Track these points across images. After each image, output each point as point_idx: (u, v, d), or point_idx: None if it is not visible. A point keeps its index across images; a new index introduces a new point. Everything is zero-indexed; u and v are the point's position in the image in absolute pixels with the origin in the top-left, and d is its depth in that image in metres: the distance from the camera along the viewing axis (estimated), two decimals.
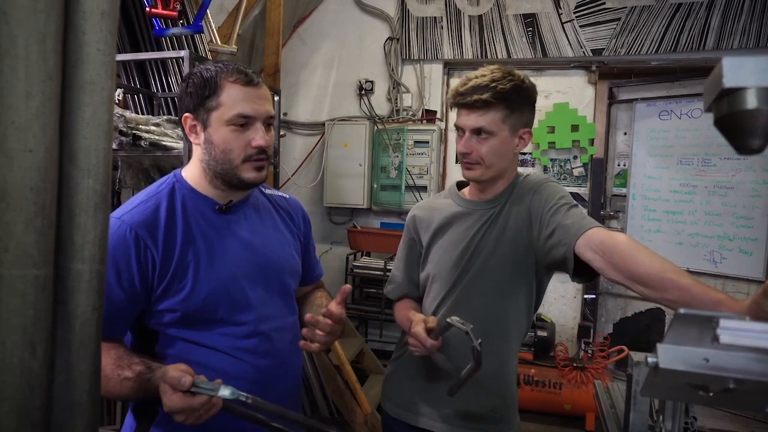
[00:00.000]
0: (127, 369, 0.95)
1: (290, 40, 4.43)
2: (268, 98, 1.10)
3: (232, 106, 1.04)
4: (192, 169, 1.13)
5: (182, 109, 1.09)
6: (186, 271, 1.03)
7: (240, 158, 1.06)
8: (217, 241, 1.09)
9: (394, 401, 1.39)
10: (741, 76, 0.49)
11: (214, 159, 1.07)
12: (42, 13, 0.54)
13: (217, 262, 1.07)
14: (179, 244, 1.04)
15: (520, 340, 1.34)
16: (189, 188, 1.11)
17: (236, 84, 1.05)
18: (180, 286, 1.03)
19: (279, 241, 1.21)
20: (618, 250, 1.02)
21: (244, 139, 1.06)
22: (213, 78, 1.05)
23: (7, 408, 0.54)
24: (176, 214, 1.06)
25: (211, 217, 1.10)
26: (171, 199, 1.08)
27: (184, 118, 1.09)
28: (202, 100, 1.05)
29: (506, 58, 3.95)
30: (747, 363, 0.48)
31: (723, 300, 0.87)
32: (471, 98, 1.20)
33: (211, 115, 1.05)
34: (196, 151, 1.11)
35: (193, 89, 1.06)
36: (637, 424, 1.06)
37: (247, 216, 1.16)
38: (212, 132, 1.06)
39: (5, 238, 0.53)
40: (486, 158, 1.23)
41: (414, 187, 4.11)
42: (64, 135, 0.59)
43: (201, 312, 1.04)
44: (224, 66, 1.07)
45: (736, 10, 3.40)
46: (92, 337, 0.62)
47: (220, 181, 1.10)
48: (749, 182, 3.39)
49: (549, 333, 3.66)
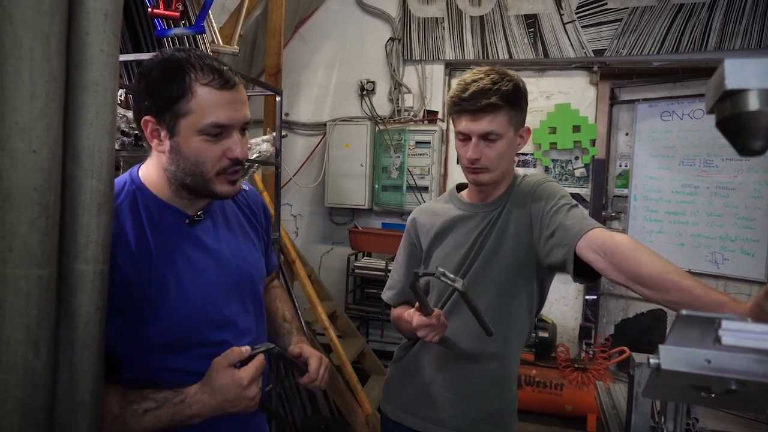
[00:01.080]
0: (144, 401, 0.88)
1: (292, 41, 4.44)
2: (245, 101, 0.95)
3: (205, 113, 0.89)
4: (153, 174, 0.98)
5: (141, 109, 0.92)
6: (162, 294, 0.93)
7: (213, 171, 0.93)
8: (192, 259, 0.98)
9: (394, 404, 1.39)
10: (743, 78, 0.49)
11: (183, 171, 0.93)
12: (46, 15, 0.54)
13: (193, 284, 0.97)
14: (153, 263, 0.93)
15: (522, 342, 1.33)
16: (152, 198, 0.97)
17: (210, 87, 0.89)
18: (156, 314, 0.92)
19: (247, 248, 1.12)
20: (620, 251, 1.01)
21: (218, 150, 0.92)
22: (180, 77, 0.88)
23: (11, 407, 0.54)
24: (145, 228, 0.94)
25: (181, 230, 0.98)
26: (135, 210, 0.94)
27: (143, 121, 0.92)
28: (167, 104, 0.89)
29: (508, 58, 3.95)
30: (749, 364, 0.48)
31: (725, 301, 0.87)
32: (479, 103, 1.17)
33: (179, 122, 0.89)
34: (158, 158, 0.96)
35: (156, 89, 0.90)
36: (639, 425, 1.06)
37: (215, 222, 1.06)
38: (181, 141, 0.90)
39: (9, 238, 0.53)
40: (495, 162, 1.22)
41: (415, 187, 4.11)
42: (67, 135, 0.60)
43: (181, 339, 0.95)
44: (192, 61, 0.90)
45: (738, 11, 3.40)
46: (95, 337, 0.62)
47: (187, 192, 0.97)
48: (751, 183, 3.39)
49: (550, 334, 3.66)
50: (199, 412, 0.89)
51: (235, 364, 0.91)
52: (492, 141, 1.20)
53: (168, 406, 0.88)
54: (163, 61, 0.91)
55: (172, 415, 0.88)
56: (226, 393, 0.89)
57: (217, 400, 0.89)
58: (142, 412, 0.87)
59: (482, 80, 1.19)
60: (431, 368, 1.32)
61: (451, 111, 1.25)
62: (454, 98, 1.22)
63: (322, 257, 4.53)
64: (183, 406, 0.88)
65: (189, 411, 0.88)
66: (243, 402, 0.90)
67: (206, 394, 0.89)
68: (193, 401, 0.89)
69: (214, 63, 0.91)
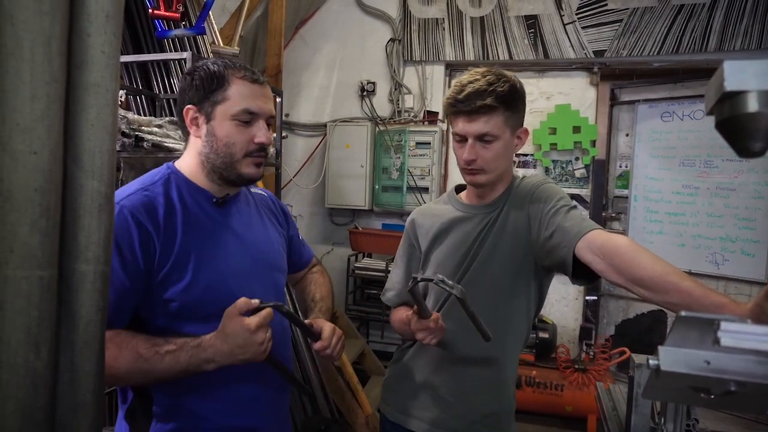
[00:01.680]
0: (165, 344, 0.97)
1: (292, 41, 4.44)
2: (270, 98, 1.13)
3: (238, 101, 1.06)
4: (188, 161, 1.13)
5: (184, 101, 1.09)
6: (187, 261, 1.03)
7: (242, 153, 1.08)
8: (216, 233, 1.10)
9: (392, 405, 1.39)
10: (742, 80, 0.49)
11: (215, 152, 1.07)
12: (47, 16, 0.54)
13: (217, 256, 1.08)
14: (179, 233, 1.04)
15: (521, 344, 1.33)
16: (185, 179, 1.11)
17: (244, 80, 1.07)
18: (180, 276, 1.02)
19: (268, 238, 1.23)
20: (619, 252, 1.01)
21: (247, 135, 1.07)
22: (221, 72, 1.06)
23: (12, 407, 0.54)
24: (174, 204, 1.06)
25: (208, 210, 1.10)
26: (167, 188, 1.08)
27: (185, 110, 1.08)
28: (207, 93, 1.06)
29: (508, 59, 3.95)
30: (748, 366, 0.49)
31: (725, 303, 0.87)
32: (474, 105, 1.17)
33: (216, 108, 1.06)
34: (195, 143, 1.11)
35: (199, 82, 1.07)
36: (639, 426, 1.06)
37: (240, 211, 1.18)
38: (216, 125, 1.07)
39: (10, 239, 0.53)
40: (491, 163, 1.22)
41: (415, 188, 4.11)
42: (68, 137, 0.60)
43: (198, 304, 1.04)
44: (231, 62, 1.09)
45: (739, 12, 3.40)
46: (96, 338, 0.62)
47: (218, 176, 1.10)
48: (751, 184, 3.39)
49: (550, 334, 3.66)
50: (212, 357, 0.97)
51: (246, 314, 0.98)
52: (488, 142, 1.20)
53: (186, 349, 0.97)
54: (207, 62, 1.10)
55: (189, 358, 0.97)
56: (236, 338, 0.96)
57: (229, 345, 0.97)
58: (163, 353, 0.96)
59: (478, 81, 1.19)
60: (429, 369, 1.32)
61: (448, 112, 1.25)
62: (450, 100, 1.22)
63: (322, 258, 4.53)
64: (199, 349, 0.97)
65: (204, 355, 0.97)
66: (252, 348, 0.97)
67: (219, 339, 0.97)
68: (208, 345, 0.97)
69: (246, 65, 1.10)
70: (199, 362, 0.97)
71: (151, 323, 1.04)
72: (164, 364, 0.96)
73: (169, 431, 1.05)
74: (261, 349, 0.98)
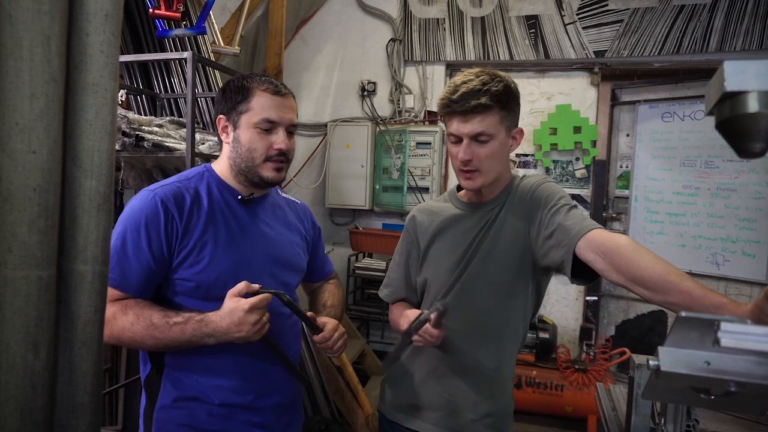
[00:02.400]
0: (175, 315, 1.09)
1: (293, 41, 4.44)
2: (293, 108, 1.24)
3: (259, 111, 1.18)
4: (221, 164, 1.26)
5: (217, 111, 1.24)
6: (204, 247, 1.15)
7: (262, 158, 1.19)
8: (237, 227, 1.21)
9: (391, 404, 1.39)
10: (742, 80, 0.49)
11: (240, 156, 1.20)
12: (46, 15, 0.54)
13: (234, 246, 1.18)
14: (202, 221, 1.16)
15: (518, 344, 1.32)
16: (217, 178, 1.25)
17: (266, 92, 1.19)
18: (198, 259, 1.14)
19: (289, 240, 1.33)
20: (620, 252, 1.01)
21: (267, 141, 1.19)
22: (246, 85, 1.20)
23: (11, 407, 0.54)
24: (202, 196, 1.19)
25: (234, 206, 1.23)
26: (199, 183, 1.22)
27: (218, 119, 1.24)
28: (234, 104, 1.20)
29: (509, 59, 3.95)
30: (748, 366, 0.48)
31: (725, 303, 0.86)
32: (469, 104, 1.17)
33: (241, 117, 1.19)
34: (225, 148, 1.25)
35: (229, 94, 1.21)
36: (639, 426, 1.06)
37: (265, 211, 1.29)
38: (240, 132, 1.20)
39: (9, 238, 0.53)
40: (486, 163, 1.21)
41: (416, 188, 4.11)
42: (67, 136, 0.60)
43: (212, 287, 1.14)
44: (259, 77, 1.22)
45: (739, 12, 3.40)
46: (94, 338, 0.62)
47: (243, 177, 1.23)
48: (752, 184, 3.38)
49: (551, 335, 3.65)
50: (212, 332, 1.07)
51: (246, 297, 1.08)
52: (483, 142, 1.20)
53: (191, 322, 1.08)
54: (239, 77, 1.23)
55: (193, 331, 1.08)
56: (232, 316, 1.06)
57: (226, 322, 1.06)
58: (172, 323, 1.08)
59: (472, 81, 1.19)
60: (427, 369, 1.32)
61: (442, 113, 1.25)
62: (444, 100, 1.22)
63: None
64: (201, 324, 1.08)
65: (206, 329, 1.07)
66: (245, 326, 1.06)
67: (219, 316, 1.08)
68: (209, 321, 1.08)
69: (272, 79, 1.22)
70: (201, 335, 1.08)
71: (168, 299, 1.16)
72: (172, 333, 1.07)
73: (173, 399, 1.17)
74: (254, 329, 1.07)
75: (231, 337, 1.07)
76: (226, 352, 1.17)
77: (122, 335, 1.08)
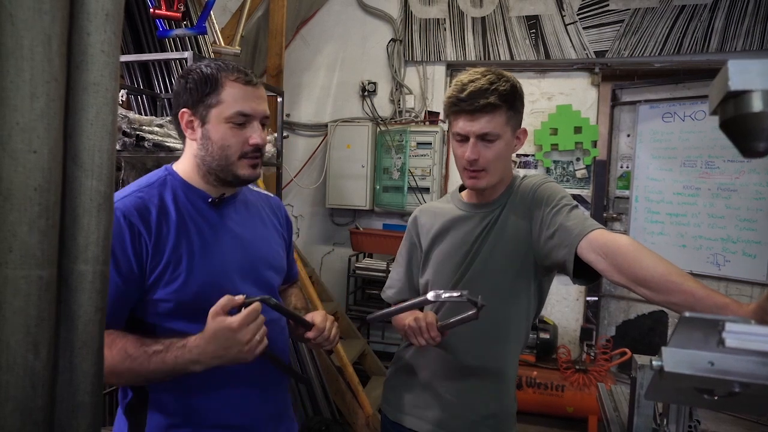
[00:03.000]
0: (154, 344, 0.97)
1: (293, 42, 4.44)
2: (264, 98, 1.13)
3: (232, 104, 1.06)
4: (184, 164, 1.13)
5: (179, 104, 1.10)
6: (179, 261, 1.03)
7: (237, 155, 1.08)
8: (210, 233, 1.09)
9: (393, 405, 1.39)
10: (747, 79, 0.49)
11: (211, 154, 1.08)
12: (47, 15, 0.54)
13: (210, 255, 1.07)
14: (172, 233, 1.04)
15: (521, 345, 1.32)
16: (181, 181, 1.11)
17: (237, 83, 1.07)
18: (173, 276, 1.02)
19: (266, 238, 1.22)
20: (621, 252, 1.01)
21: (241, 137, 1.07)
22: (214, 75, 1.06)
23: (11, 408, 0.54)
24: (168, 205, 1.06)
25: (204, 210, 1.11)
26: (162, 190, 1.08)
27: (181, 113, 1.09)
28: (202, 97, 1.06)
29: (509, 60, 3.95)
30: (752, 367, 0.48)
31: (728, 304, 0.86)
32: (478, 103, 1.16)
33: (210, 111, 1.06)
34: (191, 146, 1.11)
35: (193, 85, 1.07)
36: (641, 427, 1.06)
37: (237, 211, 1.18)
38: (210, 128, 1.07)
39: (9, 238, 0.53)
40: (493, 163, 1.21)
41: (416, 188, 4.11)
42: (68, 136, 0.59)
43: (193, 303, 1.03)
44: (224, 64, 1.09)
45: (740, 13, 3.40)
46: (95, 338, 0.62)
47: (214, 177, 1.11)
48: (753, 184, 3.38)
49: (551, 335, 3.65)
50: (198, 358, 0.95)
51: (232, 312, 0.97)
52: (490, 141, 1.19)
53: (172, 349, 0.96)
54: (201, 65, 1.09)
55: (175, 359, 0.95)
56: (218, 337, 0.95)
57: (213, 346, 0.95)
58: (151, 353, 0.96)
59: (479, 80, 1.18)
60: (430, 370, 1.32)
61: (449, 112, 1.24)
62: (451, 98, 1.21)
63: (323, 258, 4.52)
64: (184, 350, 0.96)
65: (189, 356, 0.95)
66: (235, 347, 0.95)
67: (203, 339, 0.96)
68: (193, 346, 0.96)
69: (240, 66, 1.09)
70: (184, 363, 0.96)
71: (146, 322, 1.04)
72: (152, 364, 0.95)
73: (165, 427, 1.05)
74: (248, 348, 0.96)
75: (221, 361, 0.96)
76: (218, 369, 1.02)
77: None
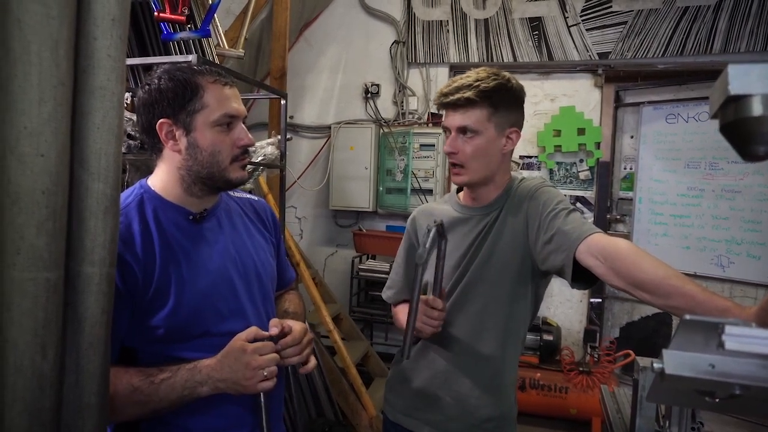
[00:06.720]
0: (159, 373, 0.94)
1: (297, 44, 4.45)
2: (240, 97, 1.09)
3: (217, 106, 1.01)
4: (162, 178, 1.06)
5: (154, 115, 1.01)
6: (168, 286, 0.99)
7: (228, 159, 1.04)
8: (196, 252, 1.04)
9: (394, 406, 1.39)
10: (747, 83, 0.49)
11: (200, 163, 1.02)
12: (55, 20, 0.55)
13: (199, 275, 1.03)
14: (158, 258, 0.99)
15: (519, 348, 1.32)
16: (158, 198, 1.05)
17: (216, 84, 1.02)
18: (163, 303, 0.98)
19: (254, 247, 1.17)
20: (620, 256, 1.00)
21: (230, 140, 1.04)
22: (192, 79, 1.01)
23: (19, 408, 0.55)
24: (150, 227, 1.01)
25: (186, 228, 1.05)
26: (141, 211, 1.02)
27: (159, 125, 1.01)
28: (183, 103, 1.00)
29: (512, 61, 3.95)
30: (753, 369, 0.48)
31: (729, 307, 0.86)
32: (454, 97, 1.20)
33: (195, 117, 1.00)
34: (172, 158, 1.04)
35: (170, 93, 1.00)
36: (644, 429, 1.06)
37: (221, 223, 1.12)
38: (197, 135, 1.01)
39: (18, 241, 0.54)
40: (471, 158, 1.22)
41: (420, 190, 4.12)
42: (75, 139, 0.60)
43: (185, 327, 1.00)
44: (197, 67, 1.05)
45: (744, 14, 3.39)
46: (101, 339, 0.63)
47: (199, 187, 1.06)
48: (757, 186, 3.37)
49: (555, 337, 3.64)
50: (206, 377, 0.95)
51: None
52: (469, 136, 1.22)
53: (181, 372, 0.95)
54: (170, 70, 1.03)
55: (185, 382, 0.94)
56: (229, 356, 0.96)
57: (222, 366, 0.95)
58: (158, 382, 0.94)
59: (469, 77, 1.22)
60: (430, 372, 1.32)
61: (438, 108, 1.29)
62: (438, 93, 1.26)
63: (326, 260, 4.53)
64: (194, 371, 0.95)
65: (199, 377, 0.95)
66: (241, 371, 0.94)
67: (215, 358, 0.97)
68: (203, 366, 0.96)
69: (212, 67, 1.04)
70: (194, 385, 0.95)
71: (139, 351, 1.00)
72: (161, 392, 0.93)
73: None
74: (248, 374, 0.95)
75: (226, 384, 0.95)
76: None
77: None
